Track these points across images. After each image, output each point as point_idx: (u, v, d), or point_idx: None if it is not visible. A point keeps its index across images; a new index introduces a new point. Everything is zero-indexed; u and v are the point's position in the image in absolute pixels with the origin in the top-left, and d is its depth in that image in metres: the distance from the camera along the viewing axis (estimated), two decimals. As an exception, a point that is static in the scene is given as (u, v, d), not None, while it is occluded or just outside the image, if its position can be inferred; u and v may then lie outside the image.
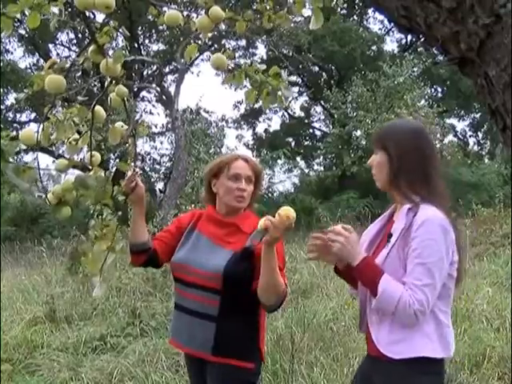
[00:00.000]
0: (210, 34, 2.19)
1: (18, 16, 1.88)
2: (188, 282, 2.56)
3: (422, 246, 1.97)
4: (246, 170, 2.61)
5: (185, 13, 2.09)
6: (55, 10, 1.89)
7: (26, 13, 1.86)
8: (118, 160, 13.72)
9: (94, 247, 2.13)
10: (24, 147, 2.35)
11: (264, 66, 2.26)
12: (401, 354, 2.03)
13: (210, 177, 2.66)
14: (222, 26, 2.18)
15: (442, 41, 1.02)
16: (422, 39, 1.10)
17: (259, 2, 2.20)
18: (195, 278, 2.52)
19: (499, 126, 1.00)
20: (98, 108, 2.14)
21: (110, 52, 2.14)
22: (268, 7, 2.18)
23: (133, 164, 2.42)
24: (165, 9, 2.19)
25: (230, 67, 2.22)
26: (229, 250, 2.53)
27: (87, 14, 2.00)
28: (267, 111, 23.51)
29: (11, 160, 1.57)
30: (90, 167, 2.19)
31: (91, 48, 2.06)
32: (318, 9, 2.14)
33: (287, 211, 2.21)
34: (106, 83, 2.16)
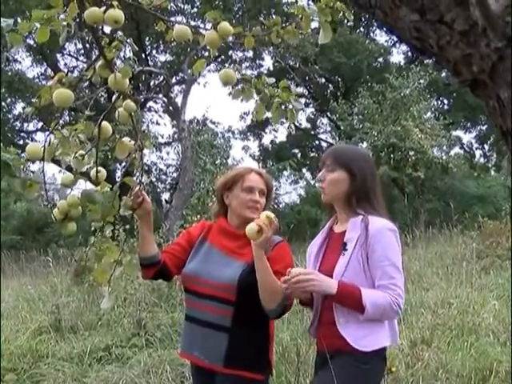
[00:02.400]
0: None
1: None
2: (200, 293, 2.56)
3: (384, 250, 2.33)
4: (260, 183, 2.65)
5: (192, 23, 2.09)
6: (65, 23, 1.89)
7: (37, 25, 1.87)
8: (124, 170, 13.73)
9: (103, 260, 2.11)
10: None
11: (273, 80, 2.25)
12: (369, 346, 2.32)
13: (224, 190, 2.68)
14: (230, 37, 2.16)
15: (454, 63, 1.02)
16: (434, 60, 1.12)
17: (265, 16, 2.20)
18: (208, 288, 2.53)
19: (510, 148, 1.01)
20: (105, 123, 2.13)
21: (118, 62, 2.14)
22: (275, 23, 2.16)
23: (139, 179, 2.40)
24: (172, 18, 2.19)
25: (237, 78, 2.20)
26: (242, 262, 2.55)
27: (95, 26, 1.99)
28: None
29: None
30: (96, 183, 2.17)
31: (99, 63, 2.05)
32: (326, 23, 2.13)
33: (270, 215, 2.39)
34: (114, 97, 2.15)
